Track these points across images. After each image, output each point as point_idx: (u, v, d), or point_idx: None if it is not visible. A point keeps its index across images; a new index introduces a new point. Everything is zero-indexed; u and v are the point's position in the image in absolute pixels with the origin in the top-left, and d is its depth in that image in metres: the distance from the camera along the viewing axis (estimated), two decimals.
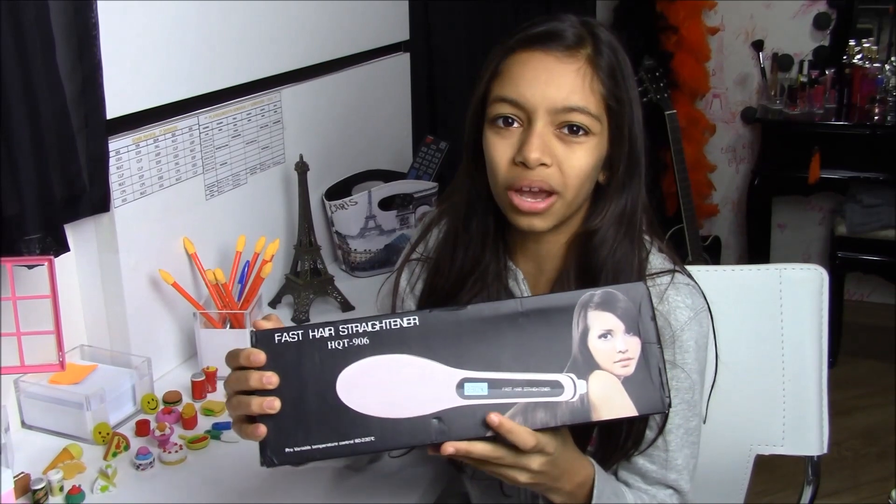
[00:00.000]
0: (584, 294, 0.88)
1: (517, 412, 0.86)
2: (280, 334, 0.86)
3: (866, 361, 3.28)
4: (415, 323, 0.86)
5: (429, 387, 0.85)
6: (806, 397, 1.35)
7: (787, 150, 3.28)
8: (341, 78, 2.03)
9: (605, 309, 0.88)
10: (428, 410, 0.85)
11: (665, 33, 3.39)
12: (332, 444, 0.85)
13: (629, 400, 0.87)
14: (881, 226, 3.16)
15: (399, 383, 0.85)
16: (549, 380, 0.87)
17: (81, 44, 1.32)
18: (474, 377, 0.86)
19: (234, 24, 1.65)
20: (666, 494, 1.09)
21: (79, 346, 1.46)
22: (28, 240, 1.27)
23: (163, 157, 1.51)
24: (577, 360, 0.87)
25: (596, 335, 0.87)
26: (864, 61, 3.28)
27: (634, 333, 0.88)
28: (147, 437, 1.34)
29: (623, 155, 1.04)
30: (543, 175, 1.00)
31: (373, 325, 0.86)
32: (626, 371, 0.87)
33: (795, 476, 1.49)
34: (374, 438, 0.85)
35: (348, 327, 0.86)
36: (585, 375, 0.87)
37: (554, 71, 1.00)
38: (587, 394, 0.86)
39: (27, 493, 1.17)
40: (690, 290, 1.09)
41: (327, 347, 0.86)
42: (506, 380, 0.86)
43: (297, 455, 0.86)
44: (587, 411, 0.86)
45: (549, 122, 1.00)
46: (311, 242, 1.76)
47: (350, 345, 0.86)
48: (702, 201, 3.62)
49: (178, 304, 1.55)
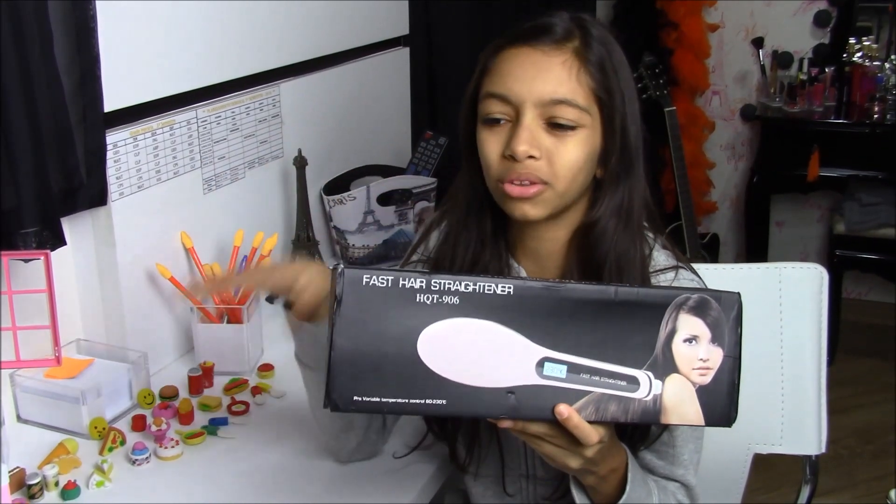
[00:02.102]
0: (681, 295, 0.86)
1: (591, 401, 0.85)
2: (369, 276, 0.81)
3: (864, 360, 3.28)
4: (509, 291, 0.83)
5: (509, 359, 0.83)
6: (804, 396, 1.35)
7: (787, 148, 3.28)
8: (340, 72, 2.02)
9: (697, 314, 0.86)
10: (504, 383, 0.83)
11: (665, 30, 3.39)
12: (402, 400, 0.83)
13: (699, 409, 0.86)
14: (879, 224, 3.17)
15: (481, 350, 0.83)
16: (628, 374, 0.85)
17: (79, 37, 1.31)
18: (556, 358, 0.84)
19: (232, 17, 1.65)
20: (675, 487, 1.10)
21: (75, 341, 1.46)
22: (25, 233, 1.26)
23: (161, 150, 1.51)
24: (658, 359, 0.86)
25: (682, 338, 0.86)
26: (864, 59, 3.27)
27: (719, 344, 0.86)
28: (143, 432, 1.34)
29: (616, 148, 1.05)
30: (532, 167, 1.00)
31: (466, 285, 0.82)
32: (703, 380, 0.86)
33: (793, 474, 1.49)
34: (446, 402, 0.83)
35: (440, 283, 0.82)
36: (663, 377, 0.86)
37: (540, 64, 1.01)
38: (661, 395, 0.85)
39: (22, 487, 1.17)
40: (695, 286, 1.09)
41: (415, 300, 0.82)
42: (586, 366, 0.85)
43: (365, 405, 0.83)
44: (658, 412, 0.86)
45: (537, 116, 1.01)
46: (310, 237, 1.75)
47: (439, 301, 0.82)
48: (700, 199, 3.61)
49: (175, 299, 1.54)
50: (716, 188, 3.73)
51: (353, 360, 0.81)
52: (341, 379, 0.82)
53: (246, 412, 1.37)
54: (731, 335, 0.87)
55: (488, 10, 2.75)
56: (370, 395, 0.82)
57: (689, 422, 0.86)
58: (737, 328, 0.87)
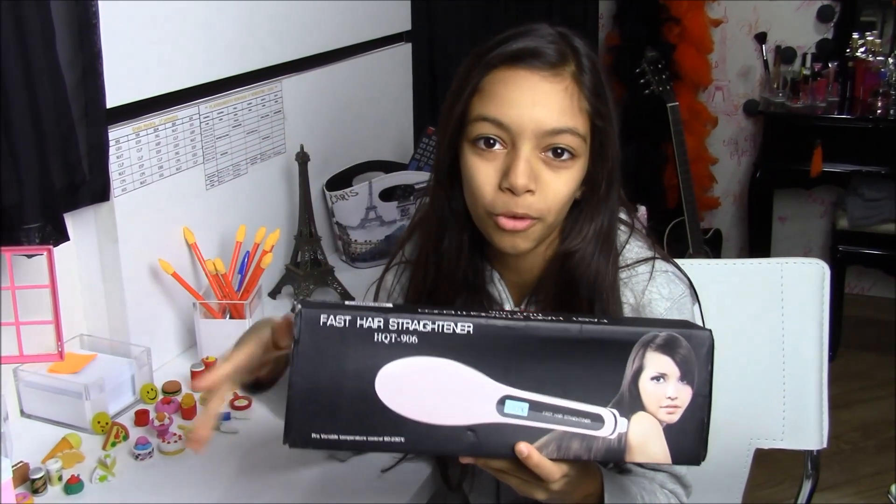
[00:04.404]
0: (648, 333, 0.84)
1: (553, 439, 0.83)
2: (327, 315, 0.81)
3: (866, 355, 3.28)
4: (469, 331, 0.82)
5: (469, 398, 0.82)
6: (806, 391, 1.35)
7: (789, 143, 3.28)
8: (342, 68, 2.02)
9: (665, 352, 0.84)
10: (464, 421, 0.82)
11: (668, 25, 3.38)
12: (360, 437, 0.82)
13: (666, 448, 0.84)
14: (882, 219, 3.16)
15: (440, 389, 0.82)
16: (592, 412, 0.83)
17: (81, 32, 1.31)
18: (517, 396, 0.83)
19: (234, 13, 1.65)
20: (663, 477, 1.09)
21: (78, 336, 1.46)
22: (27, 229, 1.26)
23: (163, 146, 1.51)
24: (625, 397, 0.84)
25: (649, 376, 0.84)
26: (867, 54, 3.26)
27: (688, 382, 0.84)
28: (146, 426, 1.34)
29: (605, 172, 1.03)
30: (528, 203, 0.98)
31: (424, 324, 0.81)
32: (670, 418, 0.84)
33: (794, 469, 1.49)
34: (404, 440, 0.82)
35: (399, 322, 0.81)
36: (628, 415, 0.84)
37: (540, 91, 0.97)
38: (626, 433, 0.84)
39: (26, 482, 1.17)
40: (668, 278, 1.08)
41: (374, 339, 0.81)
42: (548, 404, 0.83)
43: (323, 442, 0.83)
44: (622, 451, 0.84)
45: (535, 146, 0.97)
46: (312, 233, 1.76)
47: (398, 340, 0.81)
48: (703, 194, 3.61)
49: (178, 294, 1.55)
50: (718, 183, 3.72)
51: (311, 399, 0.82)
52: (299, 416, 0.82)
53: (248, 407, 1.38)
54: (702, 373, 0.84)
55: (490, 5, 2.75)
56: (328, 433, 0.83)
57: (655, 460, 0.85)
58: (707, 365, 0.84)
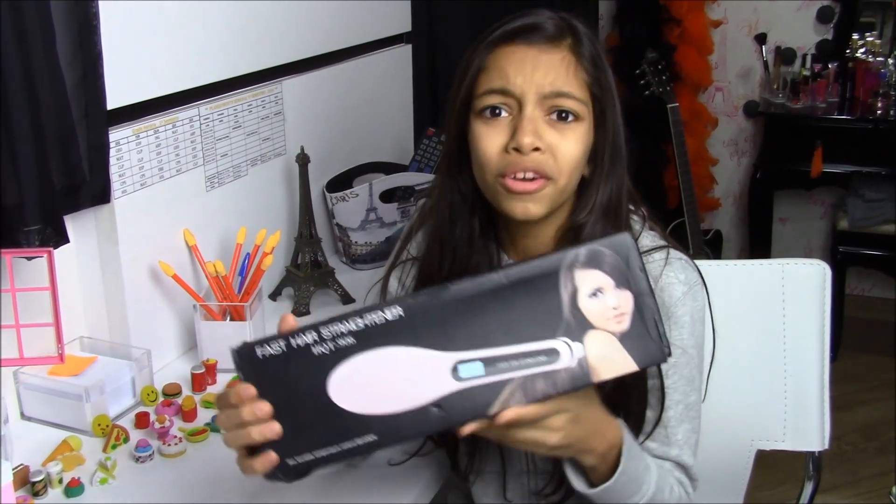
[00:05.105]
0: (568, 255, 0.84)
1: (516, 387, 0.83)
2: (261, 347, 0.83)
3: (867, 356, 3.28)
4: (399, 314, 0.83)
5: (423, 376, 0.83)
6: (807, 393, 1.35)
7: (790, 144, 3.28)
8: (343, 69, 2.02)
9: (592, 266, 0.84)
10: (426, 400, 0.83)
11: (668, 26, 3.38)
12: (333, 449, 0.83)
13: (628, 356, 0.84)
14: (883, 220, 3.16)
15: (392, 377, 0.83)
16: (544, 348, 0.83)
17: (82, 33, 1.31)
18: (467, 358, 0.83)
19: (235, 14, 1.64)
20: (670, 465, 1.09)
21: (78, 338, 1.46)
22: (28, 231, 1.26)
23: (163, 148, 1.51)
24: (570, 323, 0.84)
25: (586, 294, 0.84)
26: (867, 55, 3.27)
27: (625, 287, 0.84)
28: (147, 429, 1.34)
29: (607, 143, 1.06)
30: (537, 160, 1.00)
31: (356, 323, 0.82)
32: (621, 327, 0.84)
33: (795, 471, 1.49)
34: (376, 437, 0.83)
35: (331, 329, 0.82)
36: (580, 337, 0.83)
37: (539, 59, 1.02)
38: (585, 357, 0.83)
39: (26, 485, 1.17)
40: (683, 265, 1.10)
41: (313, 353, 0.83)
42: (501, 356, 0.83)
43: (302, 466, 0.84)
44: (586, 374, 0.83)
45: (539, 107, 1.01)
46: (312, 235, 1.76)
47: (336, 347, 0.82)
48: (703, 195, 3.61)
49: (179, 296, 1.54)
50: (719, 184, 3.72)
51: None
52: (273, 451, 0.84)
53: None
54: (634, 274, 0.84)
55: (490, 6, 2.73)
56: (303, 456, 0.84)
57: (623, 371, 0.84)
58: (637, 266, 0.85)
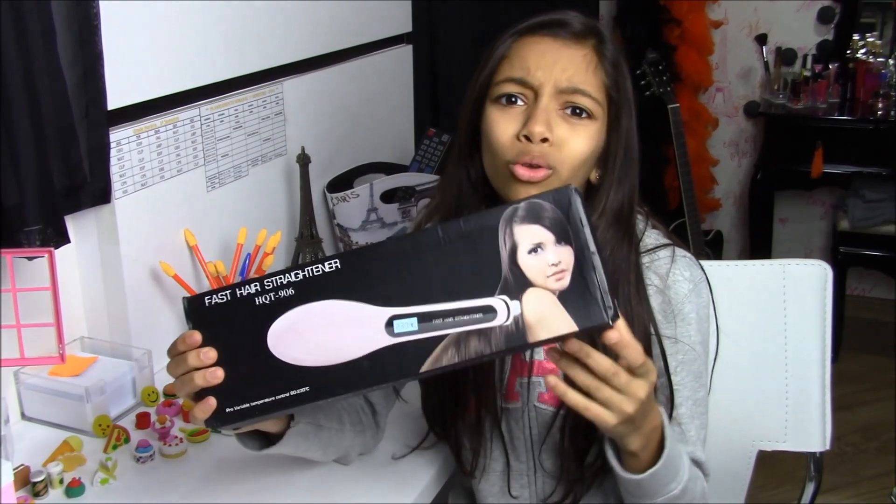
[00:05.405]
0: (507, 209, 0.82)
1: (449, 344, 0.82)
2: (210, 297, 0.86)
3: (868, 356, 3.27)
4: (336, 267, 0.84)
5: (358, 329, 0.83)
6: (808, 393, 1.35)
7: (790, 145, 3.28)
8: (343, 70, 2.02)
9: (532, 221, 0.82)
10: (359, 354, 0.83)
11: (668, 26, 3.38)
12: (268, 399, 0.85)
13: (568, 316, 0.80)
14: (883, 221, 3.16)
15: (328, 330, 0.84)
16: (480, 305, 0.81)
17: (82, 33, 1.31)
18: (402, 313, 0.83)
19: (236, 15, 1.64)
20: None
21: (79, 338, 1.46)
22: (28, 231, 1.26)
23: (164, 148, 1.51)
24: (509, 280, 0.81)
25: (525, 250, 0.82)
26: (867, 56, 3.27)
27: (566, 243, 0.81)
28: (147, 429, 1.34)
29: (620, 147, 1.07)
30: (544, 151, 1.02)
31: (296, 274, 0.85)
32: (560, 285, 0.81)
33: (797, 471, 1.48)
34: (309, 389, 0.84)
35: (273, 280, 0.85)
36: (518, 295, 0.81)
37: (561, 53, 1.04)
38: (521, 315, 0.81)
39: (27, 485, 1.17)
40: (688, 262, 1.11)
41: (255, 303, 0.85)
42: (435, 311, 0.82)
43: (238, 414, 0.86)
44: (522, 333, 0.81)
45: (554, 100, 1.03)
46: (313, 235, 1.75)
47: (277, 297, 0.85)
48: (704, 195, 3.61)
49: (179, 296, 1.54)
50: (719, 185, 3.72)
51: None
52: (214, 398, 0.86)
53: None
54: (577, 228, 0.81)
55: (491, 7, 2.75)
56: (239, 404, 0.86)
57: (560, 332, 0.81)
58: (579, 221, 0.81)
